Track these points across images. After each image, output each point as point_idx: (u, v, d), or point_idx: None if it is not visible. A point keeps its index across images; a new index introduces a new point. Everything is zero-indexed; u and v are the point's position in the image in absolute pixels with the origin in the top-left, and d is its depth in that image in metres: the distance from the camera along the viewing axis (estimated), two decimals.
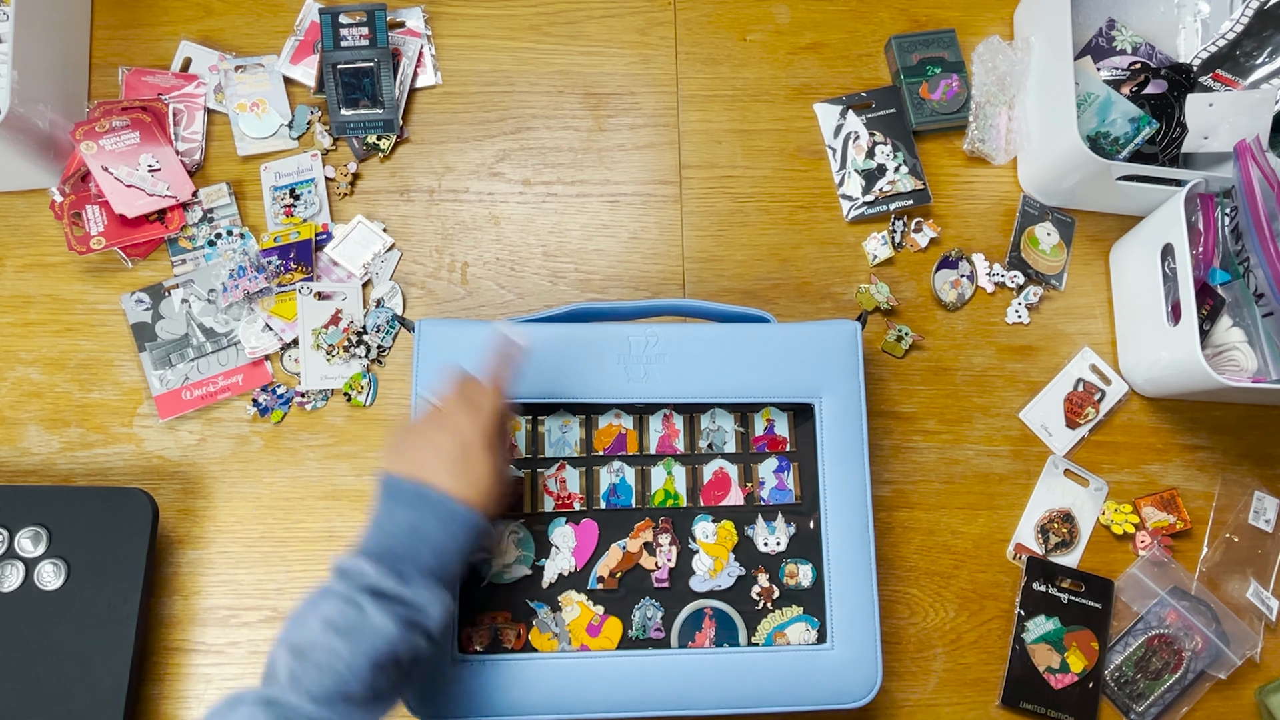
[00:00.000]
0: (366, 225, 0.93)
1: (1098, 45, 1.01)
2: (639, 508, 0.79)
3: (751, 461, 0.81)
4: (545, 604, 0.76)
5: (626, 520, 0.79)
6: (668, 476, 0.80)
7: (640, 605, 0.77)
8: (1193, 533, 0.92)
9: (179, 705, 0.82)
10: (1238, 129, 0.92)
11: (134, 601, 0.78)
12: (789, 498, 0.81)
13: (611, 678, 0.74)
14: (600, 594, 0.77)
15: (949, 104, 0.98)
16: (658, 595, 0.77)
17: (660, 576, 0.77)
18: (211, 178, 0.93)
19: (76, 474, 0.87)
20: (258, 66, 0.95)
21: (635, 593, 0.77)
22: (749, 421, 0.82)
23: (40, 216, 0.92)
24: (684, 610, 0.77)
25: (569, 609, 0.76)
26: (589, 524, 0.78)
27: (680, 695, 0.75)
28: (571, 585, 0.77)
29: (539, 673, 0.74)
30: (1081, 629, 0.88)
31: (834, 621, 0.77)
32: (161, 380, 0.88)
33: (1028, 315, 0.96)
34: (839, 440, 0.79)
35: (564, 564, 0.77)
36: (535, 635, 0.76)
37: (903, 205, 0.96)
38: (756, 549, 0.79)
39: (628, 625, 0.77)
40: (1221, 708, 0.88)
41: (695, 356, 0.79)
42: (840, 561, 0.78)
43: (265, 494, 0.87)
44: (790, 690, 0.75)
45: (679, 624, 0.77)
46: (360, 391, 0.89)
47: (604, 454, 0.80)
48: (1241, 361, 0.88)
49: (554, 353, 0.78)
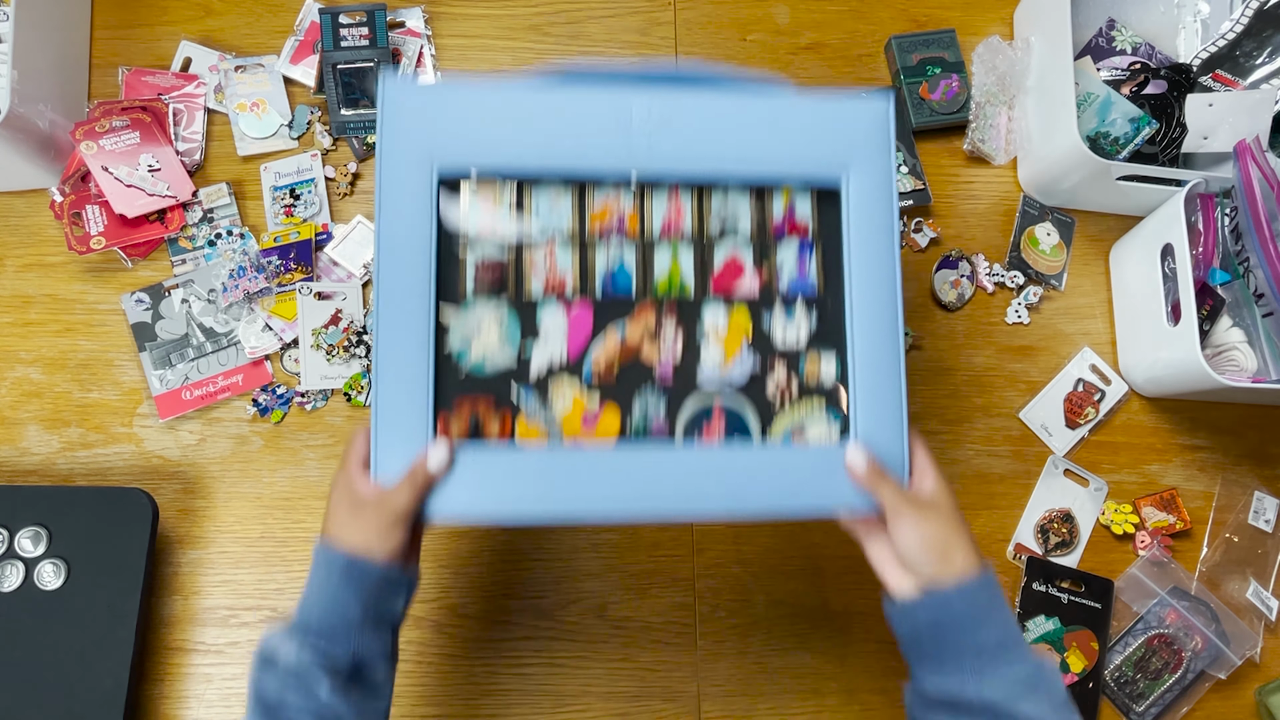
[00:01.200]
0: (366, 225, 0.93)
1: (1098, 45, 1.01)
2: (640, 297, 0.69)
3: (769, 246, 0.70)
4: (534, 392, 0.66)
5: (626, 307, 0.68)
6: (673, 262, 0.69)
7: (641, 395, 0.67)
8: (1193, 533, 0.92)
9: (179, 705, 0.82)
10: (1238, 129, 0.92)
11: (134, 601, 0.78)
12: (810, 286, 0.70)
13: (608, 474, 0.65)
14: (595, 382, 0.67)
15: (949, 104, 0.98)
16: (661, 389, 0.68)
17: (664, 371, 0.68)
18: (211, 178, 0.93)
19: (76, 474, 0.87)
20: (258, 66, 0.95)
21: (635, 386, 0.68)
22: (766, 202, 0.70)
23: (40, 216, 0.92)
24: (690, 404, 0.68)
25: (560, 400, 0.66)
26: (583, 311, 0.68)
27: (685, 495, 0.66)
28: (563, 373, 0.67)
29: (526, 466, 0.64)
30: (1081, 629, 0.88)
31: (858, 416, 0.67)
32: (161, 380, 0.88)
33: (1028, 315, 0.96)
34: (867, 223, 0.69)
35: (555, 353, 0.67)
36: (522, 427, 0.66)
37: (903, 205, 0.96)
38: (773, 340, 0.69)
39: (627, 417, 0.67)
40: (1221, 708, 0.88)
41: (706, 127, 0.69)
42: (866, 353, 0.68)
43: (265, 494, 0.87)
44: (808, 490, 0.66)
45: (684, 419, 0.68)
46: (360, 391, 0.89)
47: (598, 234, 0.69)
48: (1241, 361, 0.88)
49: (540, 119, 0.67)
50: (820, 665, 0.87)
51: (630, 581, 0.87)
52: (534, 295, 0.67)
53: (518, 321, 0.67)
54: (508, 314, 0.67)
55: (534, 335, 0.67)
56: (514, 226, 0.68)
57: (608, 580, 0.87)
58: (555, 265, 0.68)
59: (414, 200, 0.65)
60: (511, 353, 0.66)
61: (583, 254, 0.68)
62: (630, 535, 0.88)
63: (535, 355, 0.67)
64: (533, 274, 0.67)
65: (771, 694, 0.86)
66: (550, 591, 0.87)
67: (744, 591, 0.88)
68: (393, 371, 0.64)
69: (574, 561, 0.87)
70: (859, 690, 0.86)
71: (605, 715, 0.84)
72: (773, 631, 0.87)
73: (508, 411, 0.66)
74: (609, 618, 0.86)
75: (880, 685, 0.86)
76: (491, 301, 0.67)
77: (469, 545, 0.87)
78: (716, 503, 0.66)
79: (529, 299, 0.67)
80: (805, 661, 0.87)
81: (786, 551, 0.89)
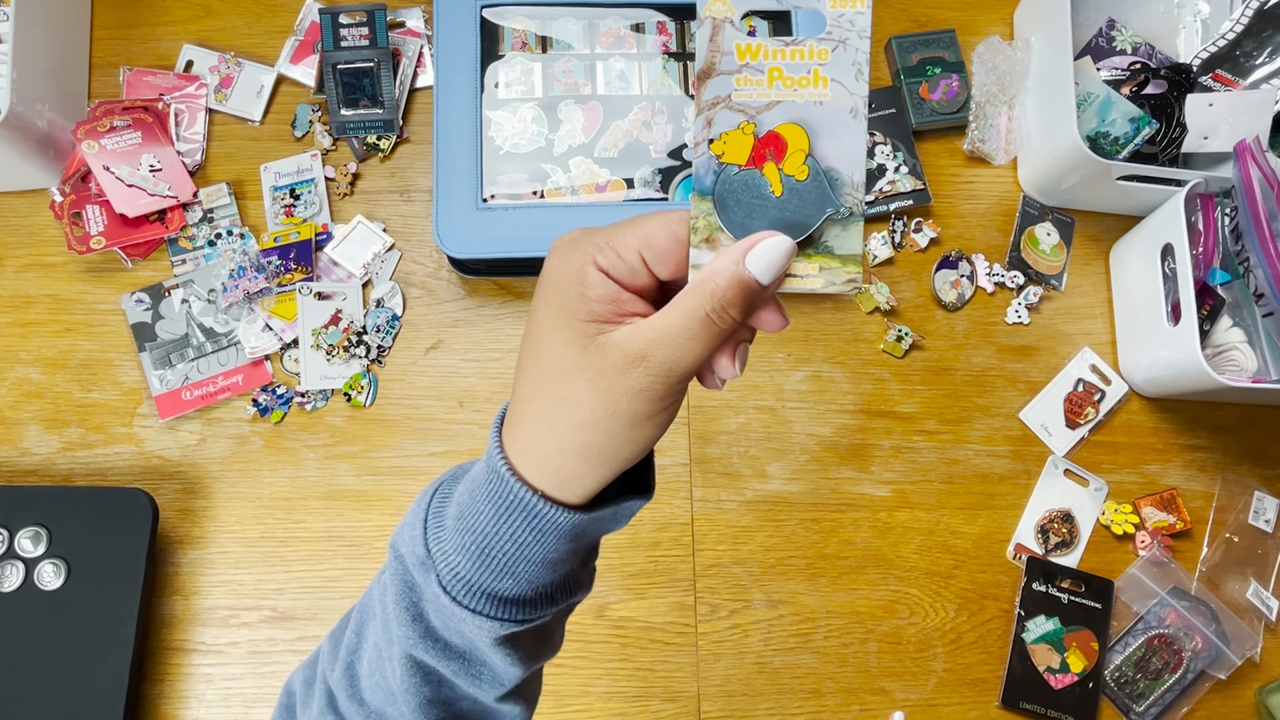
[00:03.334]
0: (366, 225, 0.93)
1: (1098, 45, 1.01)
2: (638, 94, 0.90)
3: None
4: (558, 167, 0.88)
5: (627, 103, 0.90)
6: (662, 71, 0.91)
7: (640, 170, 0.88)
8: (1193, 533, 0.92)
9: (179, 705, 0.82)
10: (1238, 129, 0.92)
11: (134, 601, 0.78)
12: None
13: (617, 218, 0.82)
14: (605, 159, 0.89)
15: (949, 104, 0.98)
16: (656, 163, 0.89)
17: (658, 148, 0.89)
18: (211, 178, 0.94)
19: (76, 474, 0.87)
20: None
21: (636, 160, 0.89)
22: None
23: (40, 216, 0.92)
24: (680, 173, 0.89)
25: (578, 171, 0.88)
26: (594, 105, 0.90)
27: None
28: (580, 153, 0.89)
29: (552, 215, 0.87)
30: (1081, 629, 0.88)
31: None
32: (161, 380, 0.88)
33: (1028, 315, 0.96)
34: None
35: (573, 137, 0.89)
36: (550, 191, 0.88)
37: (903, 205, 0.96)
38: None
39: (630, 186, 0.88)
40: (1221, 708, 0.88)
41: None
42: None
43: (265, 494, 0.87)
44: None
45: (676, 184, 0.88)
46: (360, 392, 0.89)
47: (604, 51, 0.91)
48: (1241, 361, 0.88)
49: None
50: (820, 665, 0.87)
51: (630, 581, 0.87)
52: (556, 95, 0.90)
53: (544, 116, 0.89)
54: (537, 111, 0.89)
55: (556, 125, 0.89)
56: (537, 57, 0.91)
57: (608, 580, 0.87)
58: (572, 74, 0.91)
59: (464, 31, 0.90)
60: (540, 138, 0.89)
61: (592, 66, 0.91)
62: (630, 535, 0.88)
63: (558, 140, 0.89)
64: (555, 81, 0.90)
65: (771, 694, 0.86)
66: None
67: (744, 591, 0.88)
68: (451, 155, 0.87)
69: None
70: (859, 690, 0.86)
71: (605, 715, 0.84)
72: (773, 631, 0.87)
73: (538, 183, 0.88)
74: (609, 618, 0.86)
75: (880, 685, 0.87)
76: (524, 101, 0.89)
77: None
78: None
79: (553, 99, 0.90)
80: (805, 661, 0.87)
81: (786, 551, 0.89)
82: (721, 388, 0.43)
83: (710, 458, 0.90)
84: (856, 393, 0.93)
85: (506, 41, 0.91)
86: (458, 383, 0.91)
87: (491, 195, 0.87)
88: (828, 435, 0.92)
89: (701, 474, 0.90)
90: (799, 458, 0.91)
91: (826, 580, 0.89)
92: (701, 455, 0.91)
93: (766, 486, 0.90)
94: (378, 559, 0.86)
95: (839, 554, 0.89)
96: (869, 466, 0.91)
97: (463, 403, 0.90)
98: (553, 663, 0.85)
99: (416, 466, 0.88)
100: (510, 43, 0.90)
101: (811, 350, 0.94)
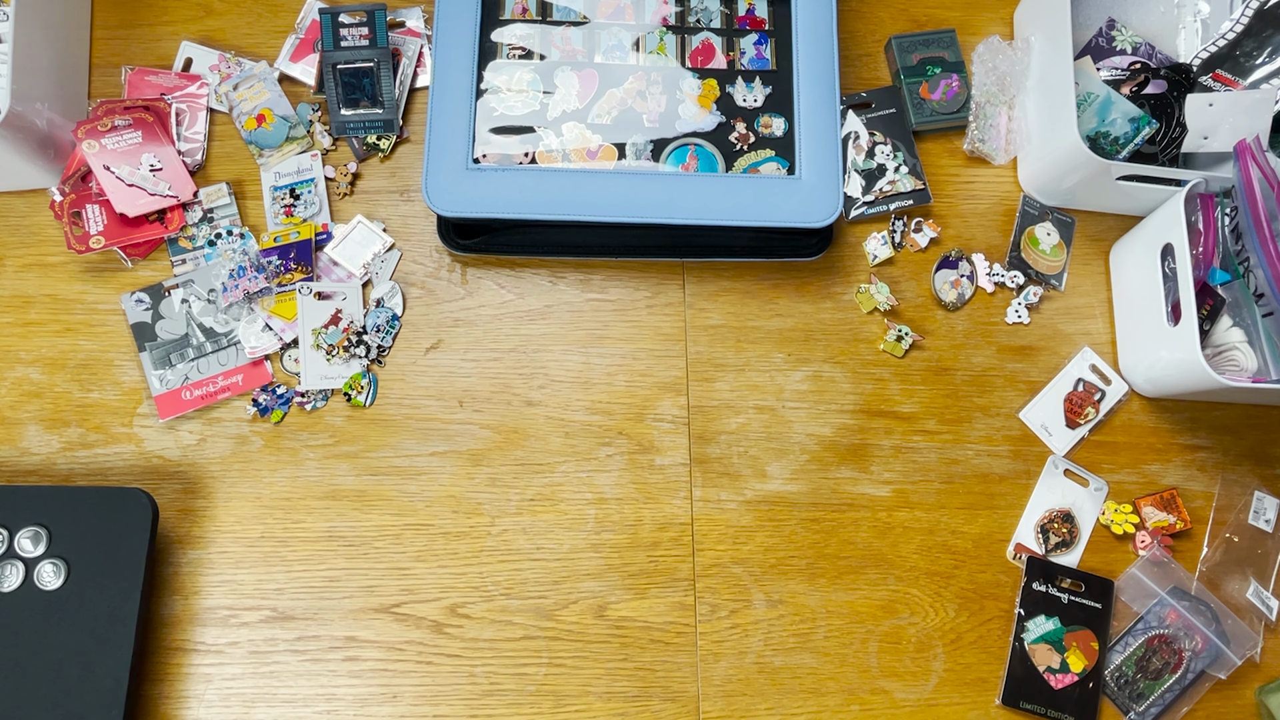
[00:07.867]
0: (366, 225, 0.93)
1: (1098, 45, 1.01)
2: (634, 64, 0.92)
3: (734, 35, 0.93)
4: (551, 131, 0.89)
5: (623, 72, 0.91)
6: (660, 43, 0.93)
7: (632, 138, 0.90)
8: (1193, 533, 0.92)
9: (179, 705, 0.83)
10: (1238, 129, 0.92)
11: (134, 601, 0.78)
12: (766, 65, 0.93)
13: (606, 186, 0.87)
14: (598, 126, 0.90)
15: (949, 104, 0.98)
16: (649, 133, 0.90)
17: (650, 118, 0.90)
18: (212, 178, 0.94)
19: (76, 474, 0.87)
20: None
21: (629, 128, 0.90)
22: (734, 3, 0.95)
23: (40, 216, 0.92)
24: (671, 144, 0.90)
25: (570, 135, 0.89)
26: (590, 72, 0.91)
27: (668, 204, 0.87)
28: (573, 119, 0.90)
29: (542, 179, 0.87)
30: (1081, 629, 0.88)
31: (802, 158, 0.89)
32: (161, 380, 0.88)
33: (1028, 315, 0.96)
34: (812, 15, 0.93)
35: (568, 102, 0.90)
36: (541, 155, 0.88)
37: (903, 205, 0.96)
38: (735, 103, 0.91)
39: (621, 154, 0.89)
40: (1221, 708, 0.88)
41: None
42: (809, 113, 0.90)
43: (265, 494, 0.87)
44: (764, 207, 0.88)
45: (666, 154, 0.90)
46: (360, 391, 0.89)
47: (604, 21, 0.93)
48: (1241, 361, 0.88)
49: None
50: (820, 665, 0.87)
51: (630, 581, 0.87)
52: (553, 61, 0.91)
53: (539, 79, 0.91)
54: (533, 75, 0.91)
55: (551, 90, 0.90)
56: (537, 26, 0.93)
57: (608, 580, 0.87)
58: (570, 40, 0.92)
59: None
60: (535, 103, 0.90)
61: (590, 34, 0.93)
62: (630, 535, 0.88)
63: (552, 105, 0.90)
64: (553, 47, 0.92)
65: (771, 694, 0.86)
66: (550, 591, 0.87)
67: (744, 591, 0.88)
68: (444, 114, 0.88)
69: (574, 561, 0.87)
70: (859, 690, 0.86)
71: (605, 715, 0.84)
72: (773, 631, 0.87)
73: (530, 146, 0.89)
74: (609, 618, 0.87)
75: (880, 685, 0.87)
76: (521, 65, 0.91)
77: (468, 546, 0.87)
78: (689, 212, 0.87)
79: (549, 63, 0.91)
80: (805, 661, 0.87)
81: (786, 551, 0.89)
82: None
83: (710, 458, 0.91)
84: (856, 393, 0.93)
85: (508, 7, 0.92)
86: (458, 383, 0.91)
87: (483, 155, 0.88)
88: (828, 435, 0.92)
89: (701, 474, 0.90)
90: (799, 458, 0.91)
91: (826, 580, 0.89)
92: (701, 455, 0.91)
93: (766, 486, 0.90)
94: (377, 559, 0.86)
95: (839, 554, 0.89)
96: (869, 466, 0.92)
97: (463, 403, 0.90)
98: (553, 663, 0.85)
99: (416, 466, 0.88)
100: (511, 8, 0.92)
101: (811, 350, 0.94)
